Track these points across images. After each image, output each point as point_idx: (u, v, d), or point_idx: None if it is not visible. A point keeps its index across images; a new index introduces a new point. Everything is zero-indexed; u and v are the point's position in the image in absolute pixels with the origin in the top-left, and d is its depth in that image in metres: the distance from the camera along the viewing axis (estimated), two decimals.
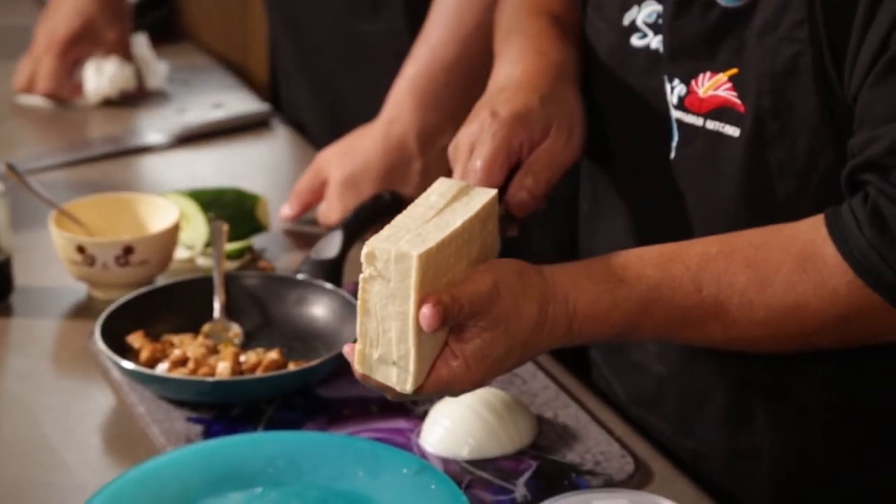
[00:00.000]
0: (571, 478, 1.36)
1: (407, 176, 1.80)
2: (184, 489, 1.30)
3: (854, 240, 1.18)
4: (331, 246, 1.68)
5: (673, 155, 1.35)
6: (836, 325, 1.20)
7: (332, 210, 1.81)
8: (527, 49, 1.43)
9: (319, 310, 1.60)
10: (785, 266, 1.21)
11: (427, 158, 1.81)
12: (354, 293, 1.59)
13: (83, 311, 1.68)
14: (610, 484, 1.35)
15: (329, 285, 1.61)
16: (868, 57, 1.17)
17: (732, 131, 1.29)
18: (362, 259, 1.17)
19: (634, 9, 1.37)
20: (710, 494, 1.35)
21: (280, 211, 1.86)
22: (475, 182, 1.32)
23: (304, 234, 1.86)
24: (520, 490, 1.34)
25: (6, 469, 1.39)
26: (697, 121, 1.32)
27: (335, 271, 1.65)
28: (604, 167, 1.47)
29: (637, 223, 1.43)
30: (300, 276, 1.64)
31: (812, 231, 1.21)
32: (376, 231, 1.77)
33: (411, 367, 1.17)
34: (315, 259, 1.66)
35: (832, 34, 1.20)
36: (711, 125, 1.31)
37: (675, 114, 1.34)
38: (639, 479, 1.36)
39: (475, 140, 1.33)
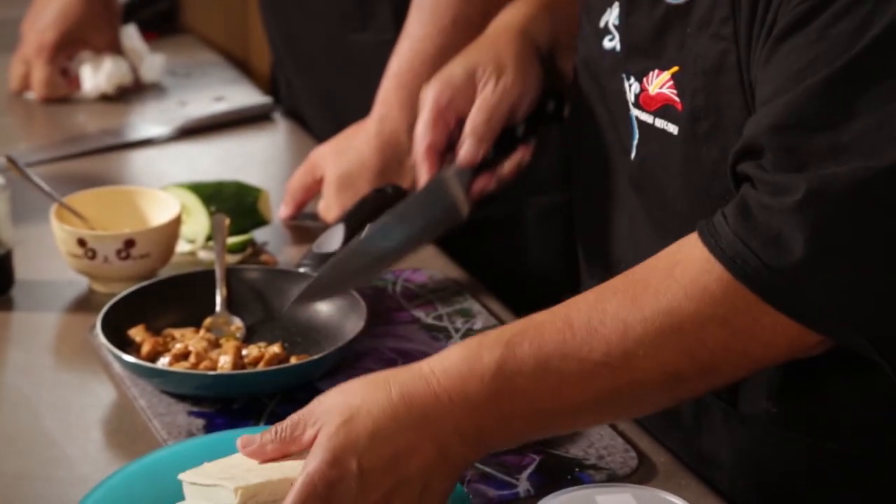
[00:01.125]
0: (574, 472, 1.35)
1: (401, 171, 1.80)
2: None
3: (719, 233, 1.15)
4: (333, 240, 1.67)
5: (633, 154, 1.36)
6: (717, 329, 1.14)
7: (330, 208, 1.81)
8: (502, 15, 1.56)
9: (322, 304, 1.59)
10: (654, 278, 1.17)
11: None
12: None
13: (84, 304, 1.67)
14: (613, 479, 1.34)
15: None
16: (762, 42, 1.17)
17: (673, 129, 1.29)
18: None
19: (607, 11, 1.39)
20: (714, 490, 1.34)
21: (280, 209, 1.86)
22: (420, 144, 1.50)
23: (305, 227, 1.85)
24: (523, 484, 1.34)
25: (7, 463, 1.39)
26: (649, 118, 1.32)
27: None
28: (591, 169, 1.47)
29: (621, 224, 1.43)
30: (302, 270, 1.63)
31: (682, 243, 1.18)
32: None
33: None
34: (317, 253, 1.66)
35: (750, 30, 1.19)
36: (659, 123, 1.31)
37: (633, 111, 1.35)
38: (642, 473, 1.35)
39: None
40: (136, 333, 1.54)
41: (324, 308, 1.58)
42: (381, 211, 1.75)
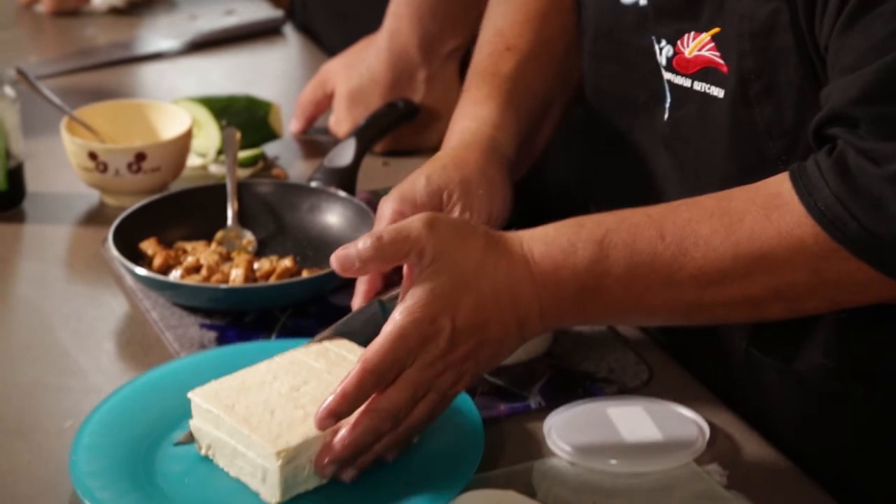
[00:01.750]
0: (586, 385, 1.36)
1: (412, 85, 1.79)
2: None
3: (818, 192, 1.15)
4: (344, 154, 1.67)
5: (666, 116, 1.34)
6: (808, 277, 1.17)
7: (341, 123, 1.81)
8: (468, 117, 1.42)
9: (333, 217, 1.59)
10: (749, 214, 1.18)
11: (431, 67, 1.80)
12: (368, 201, 1.61)
13: (96, 217, 1.68)
14: (624, 391, 1.35)
15: (343, 193, 1.60)
16: (835, 6, 1.15)
17: (717, 92, 1.28)
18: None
19: None
20: (726, 403, 1.35)
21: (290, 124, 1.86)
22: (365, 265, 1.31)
23: (316, 142, 1.85)
24: (534, 398, 1.34)
25: (21, 373, 1.40)
26: (686, 82, 1.31)
27: (349, 179, 1.65)
28: (609, 129, 1.45)
29: (644, 183, 1.41)
30: (313, 184, 1.63)
31: (777, 184, 1.18)
32: (391, 138, 1.78)
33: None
34: (328, 167, 1.66)
35: None
36: (699, 86, 1.29)
37: (666, 75, 1.32)
38: (654, 387, 1.36)
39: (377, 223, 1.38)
40: (148, 246, 1.54)
41: (335, 221, 1.59)
42: (392, 125, 1.75)
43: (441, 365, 1.19)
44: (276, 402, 1.21)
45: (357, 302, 1.34)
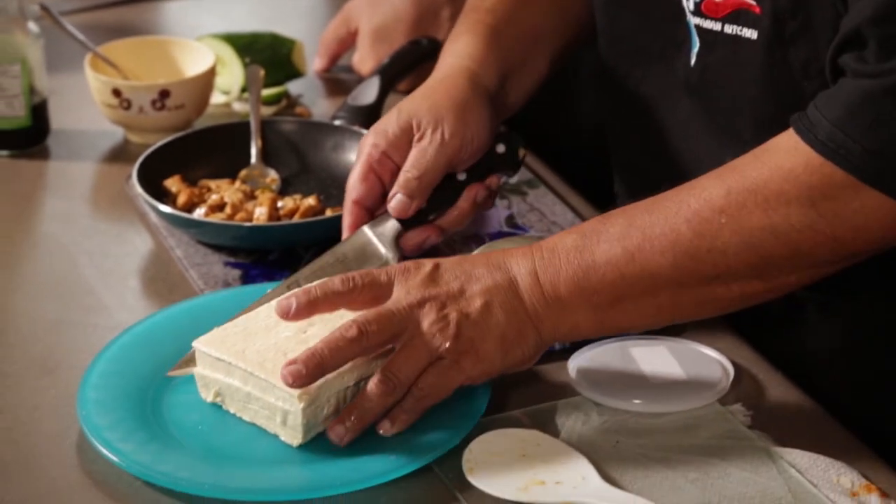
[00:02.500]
0: None
1: (437, 23, 1.79)
2: None
3: (816, 125, 1.14)
4: (368, 92, 1.67)
5: (693, 62, 1.33)
6: (802, 210, 1.15)
7: (365, 61, 1.80)
8: (447, 53, 1.44)
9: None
10: (741, 162, 1.18)
11: (455, 4, 1.79)
12: None
13: (120, 154, 1.68)
14: (648, 331, 1.35)
15: (366, 131, 1.59)
16: None
17: (750, 34, 1.26)
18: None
19: None
20: (748, 342, 1.35)
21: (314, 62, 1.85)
22: (347, 197, 1.37)
23: (340, 80, 1.84)
24: None
25: (46, 309, 1.40)
26: (715, 26, 1.29)
27: (372, 117, 1.64)
28: (623, 76, 1.44)
29: (656, 136, 1.41)
30: (337, 123, 1.63)
31: (776, 137, 1.18)
32: (415, 76, 1.77)
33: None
34: (352, 105, 1.65)
35: None
36: (729, 29, 1.28)
37: (694, 20, 1.31)
38: (677, 326, 1.36)
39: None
40: (172, 184, 1.54)
41: None
42: (416, 63, 1.74)
43: (421, 296, 1.18)
44: (286, 344, 1.21)
45: (346, 234, 1.38)
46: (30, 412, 1.26)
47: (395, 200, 1.37)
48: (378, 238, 1.37)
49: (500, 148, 1.42)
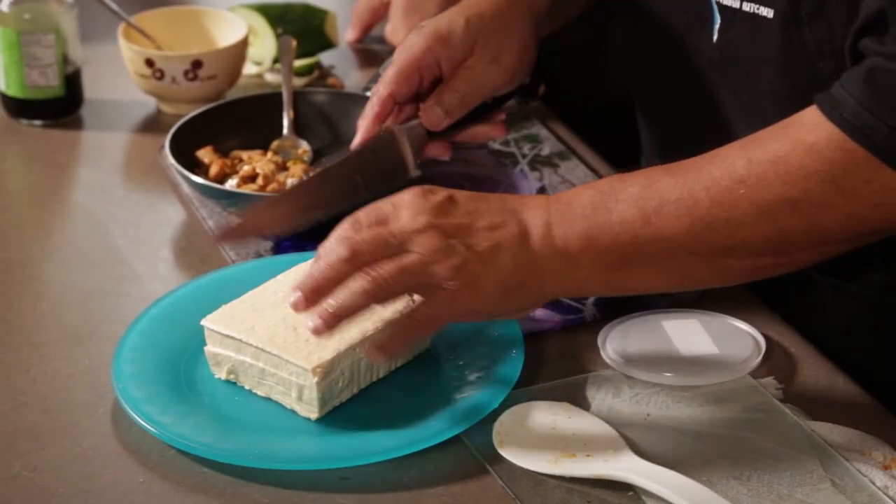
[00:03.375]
0: (641, 298, 1.35)
1: None
2: None
3: (842, 104, 1.13)
4: None
5: (715, 38, 1.32)
6: (823, 185, 1.13)
7: (397, 32, 1.80)
8: None
9: None
10: (764, 134, 1.17)
11: None
12: None
13: (152, 124, 1.68)
14: (679, 304, 1.35)
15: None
16: None
17: (767, 12, 1.26)
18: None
19: None
20: (781, 319, 1.34)
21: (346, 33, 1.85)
22: (382, 88, 1.36)
23: (372, 51, 1.84)
24: (588, 310, 1.34)
25: (79, 279, 1.41)
26: (734, 3, 1.29)
27: None
28: (652, 48, 1.44)
29: (690, 109, 1.40)
30: (369, 94, 1.62)
31: (801, 112, 1.17)
32: None
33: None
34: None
35: None
36: (747, 7, 1.27)
37: None
38: (709, 299, 1.35)
39: (399, 50, 1.38)
40: (205, 155, 1.54)
41: None
42: None
43: (427, 221, 1.16)
44: (294, 318, 1.21)
45: (365, 125, 1.39)
46: (63, 381, 1.26)
47: (433, 112, 1.38)
48: (406, 140, 1.39)
49: (527, 79, 1.45)
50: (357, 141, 1.41)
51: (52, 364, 1.28)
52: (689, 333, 1.30)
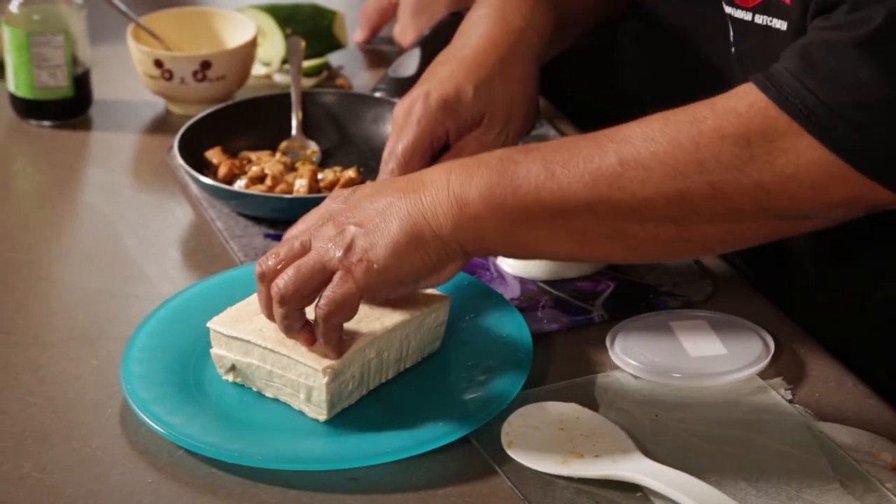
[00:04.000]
0: (649, 299, 1.35)
1: None
2: None
3: (776, 76, 1.13)
4: (409, 64, 1.66)
5: (733, 50, 1.32)
6: (734, 148, 1.12)
7: (406, 32, 1.80)
8: (492, 13, 1.39)
9: None
10: (694, 104, 1.16)
11: None
12: None
13: (161, 125, 1.68)
14: (688, 305, 1.35)
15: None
16: None
17: (780, 25, 1.25)
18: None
19: None
20: (791, 317, 1.34)
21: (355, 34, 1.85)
22: (394, 169, 1.32)
23: (381, 51, 1.84)
24: (597, 310, 1.34)
25: (88, 279, 1.41)
26: (746, 16, 1.28)
27: None
28: (663, 58, 1.43)
29: None
30: (378, 94, 1.63)
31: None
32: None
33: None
34: (393, 77, 1.65)
35: None
36: (760, 19, 1.27)
37: (727, 9, 1.30)
38: (718, 300, 1.35)
39: (404, 120, 1.33)
40: (213, 155, 1.55)
41: None
42: None
43: (323, 215, 1.19)
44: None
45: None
46: (71, 381, 1.26)
47: None
48: None
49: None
50: None
51: (61, 364, 1.28)
52: (697, 334, 1.29)
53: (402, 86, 1.63)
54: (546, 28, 1.40)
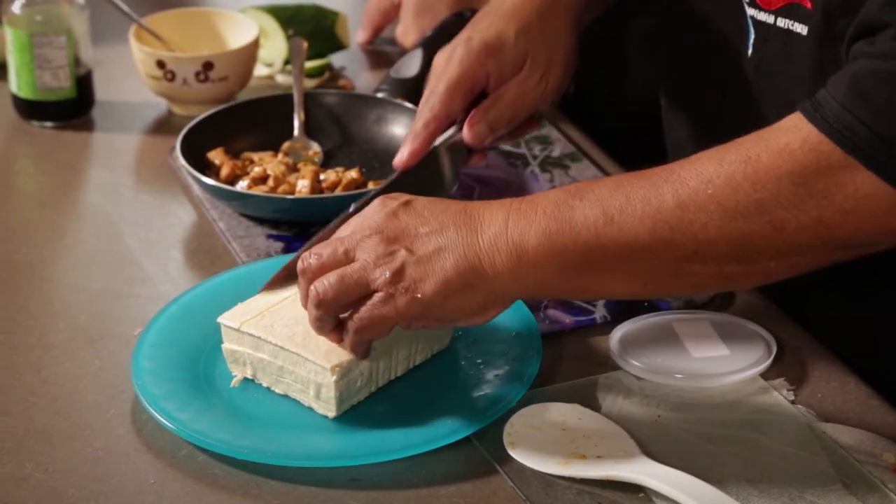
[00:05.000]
0: (652, 300, 1.35)
1: None
2: None
3: (825, 107, 1.11)
4: (411, 64, 1.66)
5: (750, 52, 1.31)
6: (792, 187, 1.10)
7: (408, 33, 1.80)
8: None
9: (399, 129, 1.59)
10: (742, 139, 1.14)
11: None
12: None
13: (163, 126, 1.68)
14: (690, 306, 1.35)
15: (409, 104, 1.59)
16: None
17: (801, 29, 1.24)
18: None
19: None
20: (793, 318, 1.34)
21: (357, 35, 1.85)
22: (434, 105, 1.31)
23: (383, 52, 1.84)
24: (599, 311, 1.34)
25: (90, 279, 1.41)
26: (769, 18, 1.27)
27: (415, 90, 1.63)
28: (683, 66, 1.42)
29: (717, 125, 1.38)
30: (380, 95, 1.63)
31: (785, 118, 1.15)
32: None
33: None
34: (395, 77, 1.65)
35: None
36: (782, 22, 1.26)
37: (749, 11, 1.29)
38: (720, 301, 1.35)
39: (446, 63, 1.33)
40: (216, 156, 1.55)
41: (401, 132, 1.58)
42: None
43: (374, 227, 1.16)
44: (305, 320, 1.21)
45: (416, 145, 1.35)
46: (74, 382, 1.26)
47: (478, 129, 1.35)
48: (447, 157, 1.36)
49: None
50: (405, 160, 1.36)
51: (64, 365, 1.29)
52: (699, 335, 1.29)
53: (404, 86, 1.63)
54: None
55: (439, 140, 1.36)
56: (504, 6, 1.38)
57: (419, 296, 1.14)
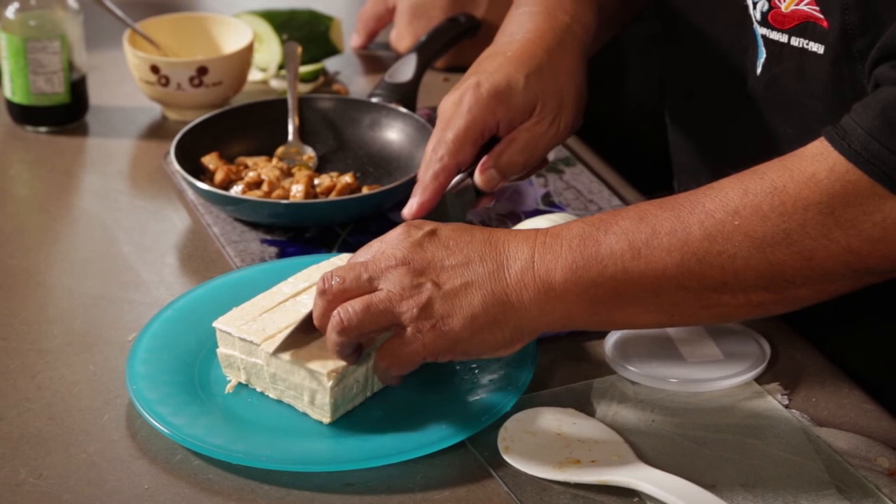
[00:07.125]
0: None
1: (476, 0, 1.78)
2: None
3: (850, 134, 1.10)
4: (405, 69, 1.66)
5: (759, 71, 1.29)
6: (820, 217, 1.10)
7: (402, 38, 1.80)
8: (536, 10, 1.37)
9: (393, 133, 1.59)
10: (764, 166, 1.13)
11: None
12: (428, 117, 1.60)
13: (158, 131, 1.68)
14: None
15: (403, 109, 1.60)
16: None
17: (817, 48, 1.23)
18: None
19: None
20: (787, 322, 1.34)
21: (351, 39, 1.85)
22: (443, 156, 1.30)
23: (377, 57, 1.84)
24: None
25: (85, 285, 1.41)
26: (782, 37, 1.26)
27: (409, 95, 1.64)
28: (687, 82, 1.42)
29: (723, 143, 1.38)
30: (374, 100, 1.63)
31: (808, 145, 1.13)
32: (452, 54, 1.77)
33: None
34: (389, 82, 1.65)
35: None
36: (796, 42, 1.25)
37: (760, 30, 1.28)
38: None
39: (454, 110, 1.31)
40: (210, 161, 1.55)
41: (395, 137, 1.58)
42: (454, 41, 1.74)
43: (401, 257, 1.15)
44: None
45: (426, 197, 1.32)
46: (68, 388, 1.26)
47: (489, 175, 1.32)
48: (457, 206, 1.35)
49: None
50: (414, 213, 1.32)
51: (58, 370, 1.28)
52: (694, 340, 1.30)
53: (399, 91, 1.64)
54: (591, 22, 1.38)
55: (451, 190, 1.34)
56: (512, 46, 1.35)
57: (447, 333, 1.14)
